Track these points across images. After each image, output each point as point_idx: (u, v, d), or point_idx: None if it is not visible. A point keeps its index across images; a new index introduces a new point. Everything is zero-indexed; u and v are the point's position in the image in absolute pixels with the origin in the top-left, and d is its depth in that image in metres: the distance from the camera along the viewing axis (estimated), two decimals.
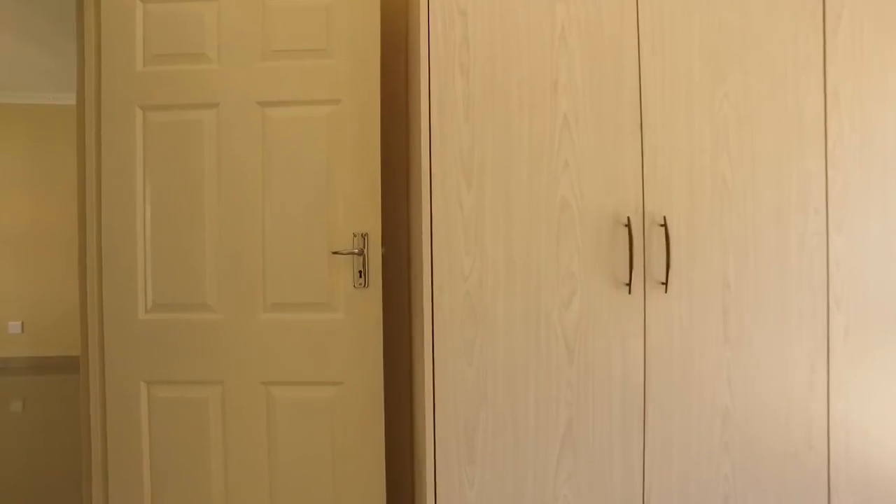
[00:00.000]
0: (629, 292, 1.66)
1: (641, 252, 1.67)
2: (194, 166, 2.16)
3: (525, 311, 1.64)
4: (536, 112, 1.68)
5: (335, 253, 2.05)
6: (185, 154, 2.17)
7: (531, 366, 1.65)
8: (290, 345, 2.11)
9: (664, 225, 1.66)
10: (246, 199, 2.13)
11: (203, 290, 2.15)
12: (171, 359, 2.16)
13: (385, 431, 2.28)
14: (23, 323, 6.28)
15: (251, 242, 2.12)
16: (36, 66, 5.17)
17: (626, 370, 1.67)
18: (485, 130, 1.66)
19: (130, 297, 2.18)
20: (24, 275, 6.27)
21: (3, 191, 6.13)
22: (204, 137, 2.16)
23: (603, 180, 1.68)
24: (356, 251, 2.05)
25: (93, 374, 2.23)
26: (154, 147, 2.17)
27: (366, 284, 2.07)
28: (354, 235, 2.08)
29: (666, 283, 1.65)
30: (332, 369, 2.09)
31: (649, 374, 1.67)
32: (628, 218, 1.66)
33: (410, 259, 2.11)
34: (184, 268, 2.16)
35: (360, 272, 2.07)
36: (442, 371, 1.63)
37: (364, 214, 2.08)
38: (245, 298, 2.13)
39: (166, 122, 2.18)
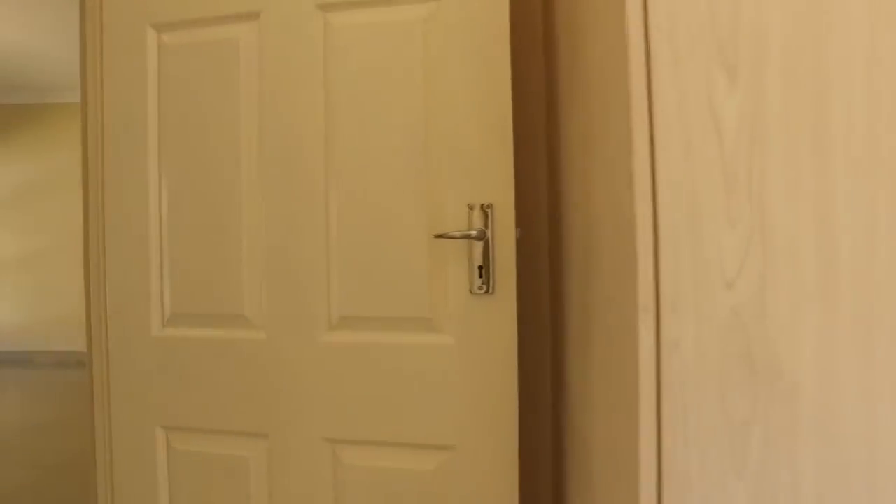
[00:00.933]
0: None
1: None
2: (226, 109, 1.34)
3: (865, 356, 0.69)
4: None
5: (439, 237, 1.18)
6: (214, 91, 1.35)
7: (877, 479, 0.70)
8: (369, 383, 1.25)
9: None
10: (301, 155, 1.29)
11: (239, 296, 1.33)
12: (196, 395, 1.36)
13: None
14: None
15: (308, 223, 1.28)
16: None
17: None
18: None
19: (141, 304, 1.39)
20: None
21: (75, 190, 5.71)
22: (240, 64, 1.34)
23: None
24: (474, 233, 1.17)
25: (100, 412, 1.47)
26: (171, 83, 1.37)
27: (489, 289, 1.18)
28: (471, 208, 1.20)
29: None
30: (437, 425, 1.22)
31: None
32: None
33: (563, 248, 1.20)
34: (212, 262, 1.35)
35: (479, 269, 1.19)
36: (679, 487, 0.71)
37: (486, 174, 1.19)
38: (300, 309, 1.29)
39: (188, 46, 1.37)
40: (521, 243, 1.32)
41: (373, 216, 1.23)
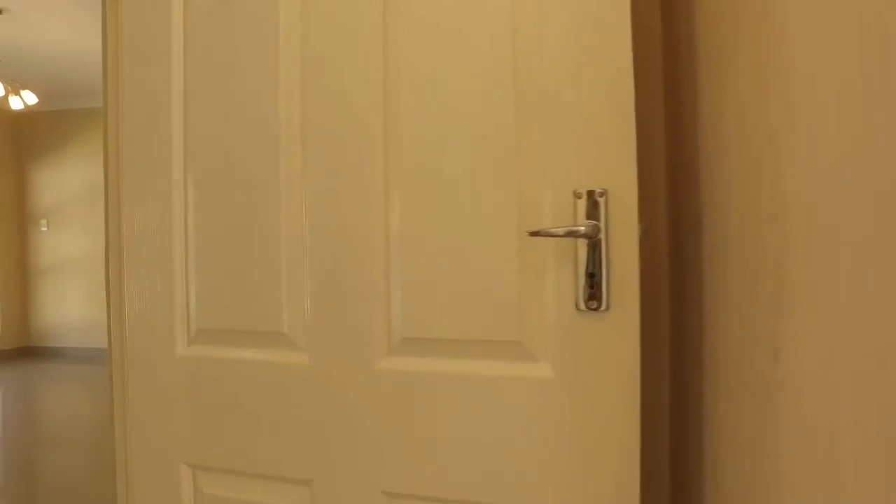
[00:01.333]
0: None
1: None
2: (263, 76, 1.07)
3: None
4: None
5: (534, 235, 0.87)
6: (248, 55, 1.08)
7: None
8: (440, 423, 0.95)
9: None
10: (353, 133, 1.00)
11: (277, 310, 1.05)
12: (227, 429, 1.09)
13: None
14: None
15: (363, 219, 0.99)
16: None
17: None
18: None
19: (163, 317, 1.13)
20: None
21: None
22: (279, 17, 1.06)
23: None
24: (581, 230, 0.86)
25: (120, 443, 1.22)
26: (199, 49, 1.10)
27: (602, 304, 0.86)
28: (577, 196, 0.88)
29: None
30: (529, 483, 0.90)
31: None
32: None
33: (699, 252, 0.87)
34: (245, 267, 1.07)
35: (589, 277, 0.87)
36: None
37: (597, 150, 0.87)
38: (352, 327, 1.00)
39: (218, 1, 1.11)
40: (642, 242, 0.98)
41: (445, 208, 0.92)
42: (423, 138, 0.94)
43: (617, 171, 0.84)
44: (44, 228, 6.49)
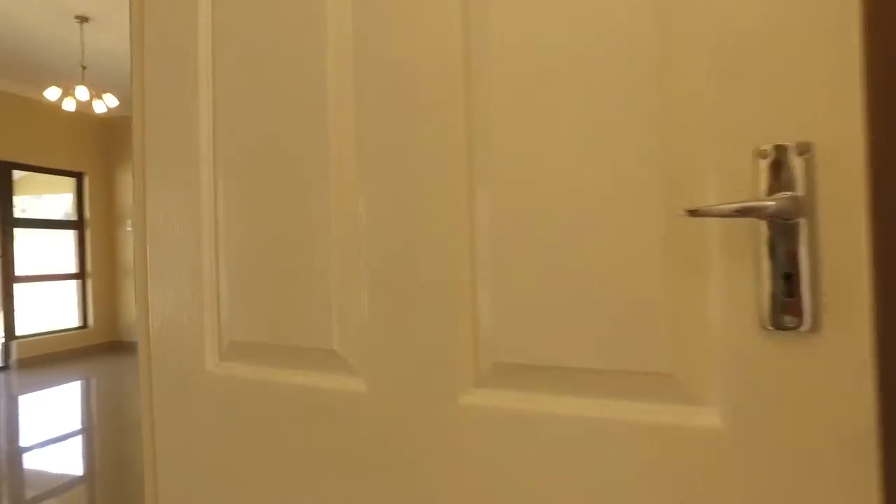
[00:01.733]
0: None
1: None
2: (307, 59, 0.82)
3: None
4: None
5: (693, 214, 0.57)
6: (289, 27, 0.83)
7: None
8: (546, 485, 0.67)
9: None
10: (421, 90, 0.74)
11: (327, 321, 0.80)
12: (267, 470, 0.85)
13: None
14: None
15: (438, 207, 0.72)
16: None
17: None
18: None
19: (191, 325, 0.91)
20: None
21: None
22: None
23: None
24: (770, 206, 0.55)
25: (148, 476, 1.01)
26: (230, 28, 0.87)
27: (805, 322, 0.56)
28: (760, 156, 0.57)
29: None
30: None
31: None
32: None
33: None
34: (286, 267, 0.83)
35: (784, 278, 0.57)
36: None
37: (794, 84, 0.56)
38: (424, 348, 0.73)
39: None
40: None
41: (554, 183, 0.64)
42: (519, 84, 0.66)
43: (828, 114, 0.53)
44: (129, 228, 6.64)
